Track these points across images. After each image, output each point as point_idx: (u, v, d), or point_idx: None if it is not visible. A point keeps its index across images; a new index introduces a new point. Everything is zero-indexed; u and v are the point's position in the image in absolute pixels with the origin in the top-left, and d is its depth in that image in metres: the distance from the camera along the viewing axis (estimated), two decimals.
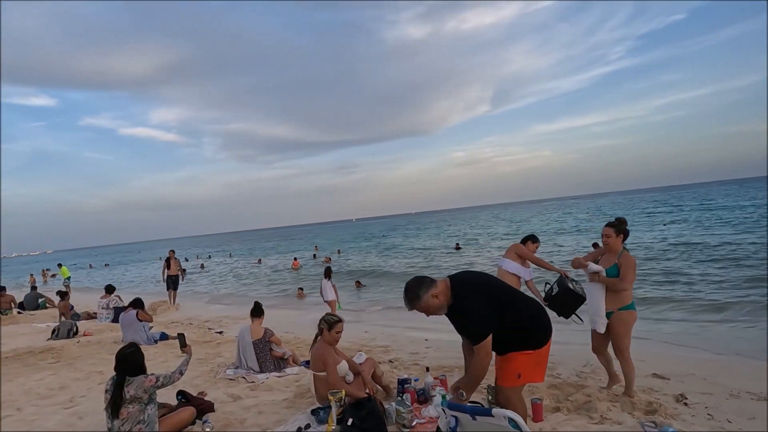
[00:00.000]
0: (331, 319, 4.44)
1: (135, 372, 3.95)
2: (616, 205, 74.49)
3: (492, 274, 3.54)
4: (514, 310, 3.08)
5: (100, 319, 11.67)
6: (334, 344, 4.46)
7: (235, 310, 13.67)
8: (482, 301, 3.01)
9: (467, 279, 3.21)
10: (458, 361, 6.39)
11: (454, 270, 15.92)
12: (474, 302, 3.01)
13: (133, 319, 8.27)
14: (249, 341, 5.92)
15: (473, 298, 3.02)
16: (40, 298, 15.52)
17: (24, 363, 7.15)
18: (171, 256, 15.01)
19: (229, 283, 24.22)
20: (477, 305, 2.99)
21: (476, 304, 3.00)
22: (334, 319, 4.47)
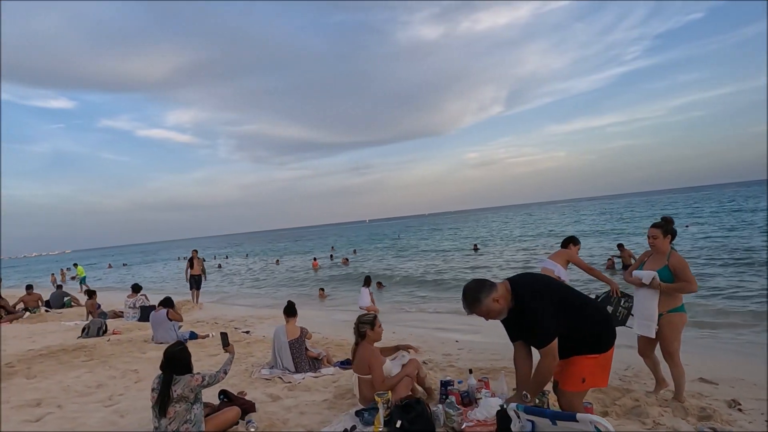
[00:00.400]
0: (369, 318, 4.43)
1: (182, 371, 3.94)
2: (633, 206, 73.50)
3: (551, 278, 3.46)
4: (579, 313, 3.00)
5: (126, 317, 11.78)
6: (379, 340, 4.45)
7: (258, 310, 13.70)
8: (546, 304, 2.94)
9: (529, 281, 3.14)
10: (493, 363, 6.32)
11: (472, 271, 15.92)
12: (539, 305, 2.93)
13: (164, 318, 8.31)
14: (285, 341, 5.89)
15: (538, 301, 2.95)
16: (66, 296, 15.73)
17: (59, 360, 7.21)
18: (194, 256, 15.12)
19: (250, 283, 24.34)
20: (542, 308, 2.92)
21: (541, 306, 2.93)
22: (371, 316, 4.47)
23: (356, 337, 4.39)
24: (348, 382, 5.37)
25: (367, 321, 4.38)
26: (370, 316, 4.46)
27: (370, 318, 4.42)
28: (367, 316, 4.44)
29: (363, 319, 4.41)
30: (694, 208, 49.71)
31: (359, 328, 4.36)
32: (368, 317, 4.43)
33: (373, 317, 4.44)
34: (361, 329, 4.36)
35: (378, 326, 4.43)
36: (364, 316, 4.45)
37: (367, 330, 4.34)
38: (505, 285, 3.08)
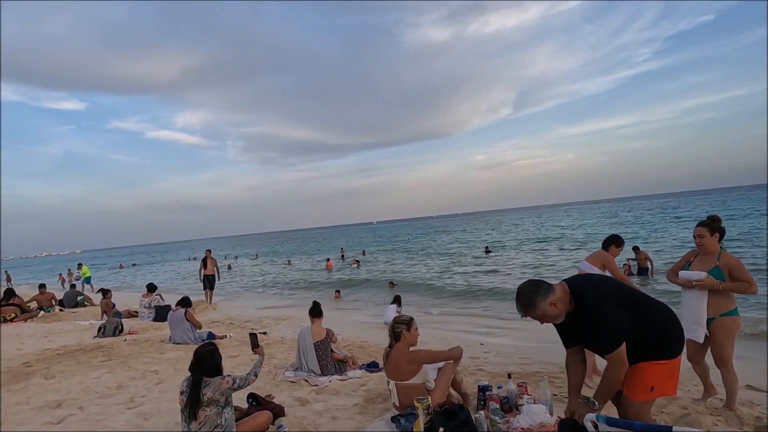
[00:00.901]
0: (406, 318, 4.24)
1: (212, 373, 3.77)
2: (644, 209, 72.75)
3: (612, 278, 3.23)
4: (646, 316, 2.79)
5: (141, 317, 11.67)
6: (415, 344, 4.25)
7: (273, 311, 13.55)
8: (612, 307, 2.73)
9: (591, 283, 2.92)
10: (524, 367, 6.11)
11: (485, 274, 15.57)
12: (604, 308, 2.72)
13: (182, 318, 8.17)
14: (310, 342, 5.71)
15: (602, 304, 2.74)
16: (79, 296, 15.68)
17: (77, 360, 7.07)
18: (208, 256, 15.00)
19: (262, 283, 24.21)
20: (607, 311, 2.71)
21: (606, 310, 2.71)
22: (407, 317, 4.28)
23: (391, 338, 4.20)
24: (378, 386, 5.19)
25: (403, 321, 4.20)
26: (406, 317, 4.27)
27: (406, 319, 4.23)
28: (403, 317, 4.25)
29: (399, 319, 4.23)
30: (706, 212, 49.04)
31: (394, 328, 4.18)
32: (404, 318, 4.24)
33: (410, 318, 4.26)
34: (396, 330, 4.16)
35: (414, 328, 4.24)
36: (400, 317, 4.26)
37: (403, 331, 4.15)
38: (563, 287, 2.88)
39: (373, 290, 18.08)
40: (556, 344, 8.72)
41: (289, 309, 13.97)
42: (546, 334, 9.13)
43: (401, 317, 4.26)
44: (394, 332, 4.17)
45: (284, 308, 14.29)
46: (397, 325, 4.18)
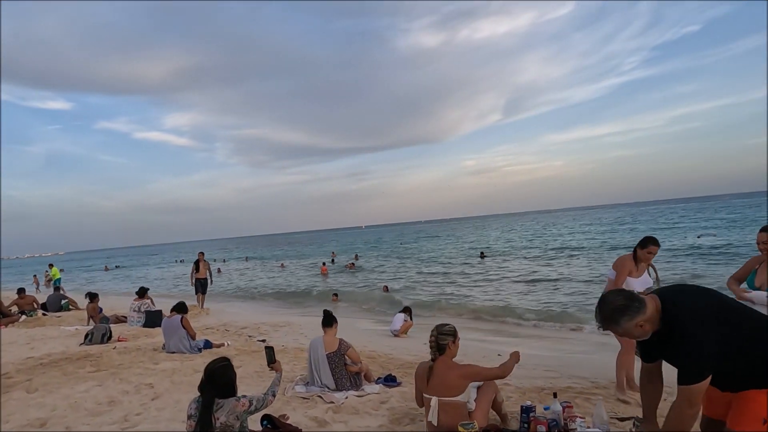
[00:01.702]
0: (451, 328, 3.76)
1: (226, 393, 3.27)
2: (633, 216, 73.13)
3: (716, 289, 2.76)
4: (756, 337, 2.34)
5: (130, 322, 11.04)
6: (455, 355, 3.79)
7: (270, 317, 12.97)
8: (709, 330, 2.28)
9: (688, 298, 2.46)
10: (553, 381, 5.65)
11: (483, 277, 15.17)
12: (699, 332, 2.27)
13: (177, 325, 7.60)
14: (322, 354, 5.20)
15: (698, 326, 2.28)
16: (63, 299, 14.94)
17: (63, 371, 6.48)
18: (200, 259, 14.39)
19: (255, 288, 23.54)
20: (702, 337, 2.26)
21: (701, 334, 2.27)
22: (452, 327, 3.80)
23: (433, 352, 3.69)
24: (401, 404, 4.70)
25: (449, 332, 3.71)
26: (450, 326, 3.78)
27: (451, 329, 3.75)
28: (447, 327, 3.76)
29: (444, 330, 3.72)
30: (694, 219, 49.30)
31: (439, 340, 3.67)
32: (449, 328, 3.75)
33: (454, 328, 3.78)
34: (441, 342, 3.67)
35: (458, 338, 3.78)
36: (444, 327, 3.75)
37: (449, 343, 3.67)
38: (654, 303, 2.43)
39: (371, 295, 17.62)
40: (582, 354, 8.29)
41: (287, 315, 13.43)
42: (568, 343, 8.79)
43: (445, 327, 3.76)
44: (439, 344, 3.67)
45: (282, 314, 13.74)
46: (442, 336, 3.68)
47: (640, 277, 4.82)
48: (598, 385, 5.44)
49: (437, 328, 3.76)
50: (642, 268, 4.83)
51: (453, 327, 3.79)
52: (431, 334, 3.75)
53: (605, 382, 5.52)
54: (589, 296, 13.47)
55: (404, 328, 9.56)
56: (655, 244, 4.81)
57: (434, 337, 3.70)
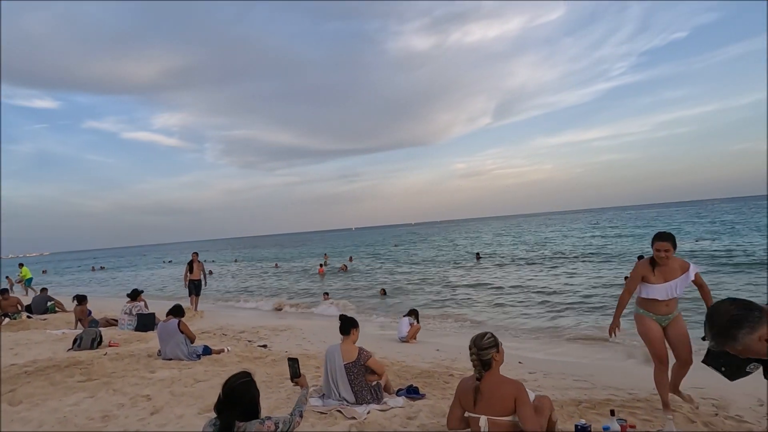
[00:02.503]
0: (491, 340, 3.25)
1: (247, 414, 2.79)
2: (627, 219, 73.39)
3: None
4: None
5: (121, 326, 10.47)
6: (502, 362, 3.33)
7: (268, 320, 12.42)
8: None
9: None
10: (588, 393, 5.23)
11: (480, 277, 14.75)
12: None
13: (174, 330, 7.06)
14: (340, 364, 4.72)
15: None
16: (49, 301, 14.28)
17: (50, 380, 5.93)
18: (194, 259, 13.84)
19: (250, 289, 22.91)
20: None
21: None
22: (491, 337, 3.29)
23: (478, 368, 3.21)
24: (431, 419, 4.25)
25: (490, 344, 3.21)
26: (489, 336, 3.28)
27: (491, 339, 3.25)
28: (487, 339, 3.25)
29: (484, 343, 3.21)
30: (682, 223, 49.47)
31: (481, 355, 3.18)
32: (488, 339, 3.24)
33: (494, 336, 3.30)
34: (484, 357, 3.17)
35: (501, 345, 3.31)
36: (483, 340, 3.24)
37: (494, 355, 3.20)
38: None
39: (368, 298, 17.16)
40: (609, 362, 7.77)
41: (286, 318, 12.90)
42: (590, 349, 8.32)
43: (484, 339, 3.25)
44: (482, 361, 3.18)
45: (281, 317, 13.22)
46: (483, 351, 3.18)
47: (662, 282, 4.14)
48: (638, 397, 5.03)
49: (475, 343, 3.23)
50: (665, 273, 4.12)
51: (492, 336, 3.29)
52: (470, 352, 3.23)
53: (644, 394, 5.11)
54: (593, 299, 13.13)
55: (412, 333, 9.10)
56: (661, 239, 4.12)
57: (475, 355, 3.20)
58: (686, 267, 4.14)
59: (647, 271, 4.20)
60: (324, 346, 8.59)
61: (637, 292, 4.33)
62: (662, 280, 4.13)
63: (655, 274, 4.16)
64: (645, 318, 4.25)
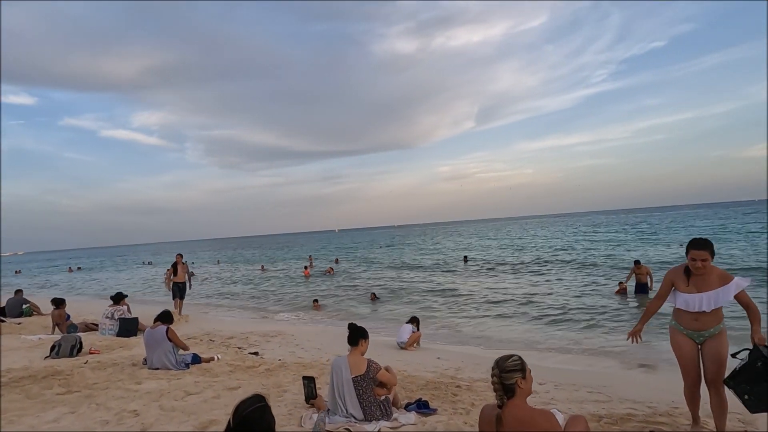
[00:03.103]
0: (516, 362, 2.81)
1: None
2: (605, 224, 74.21)
3: None
4: None
5: (102, 331, 9.94)
6: (531, 392, 2.98)
7: (257, 325, 11.99)
8: None
9: None
10: (607, 407, 4.96)
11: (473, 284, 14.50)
12: None
13: (162, 337, 6.62)
14: (348, 377, 4.37)
15: None
16: (25, 303, 13.60)
17: (26, 393, 5.45)
18: (178, 261, 13.33)
19: (236, 292, 22.35)
20: None
21: None
22: (517, 359, 2.84)
23: (499, 396, 2.83)
24: None
25: (515, 367, 2.80)
26: (515, 358, 2.84)
27: (516, 362, 2.82)
28: (511, 361, 2.81)
29: (508, 365, 2.80)
30: (659, 228, 50.13)
31: (503, 379, 2.77)
32: (514, 362, 2.81)
33: (521, 359, 2.86)
34: (507, 381, 2.77)
35: (530, 372, 2.94)
36: (507, 361, 2.82)
37: (518, 381, 2.78)
38: None
39: (357, 301, 16.83)
40: (619, 370, 7.50)
41: (275, 323, 12.47)
42: (593, 357, 8.05)
43: (509, 361, 2.81)
44: (505, 386, 2.79)
45: (269, 322, 12.78)
46: (506, 374, 2.77)
47: (695, 292, 3.74)
48: (658, 410, 4.79)
49: (498, 364, 2.82)
50: (698, 283, 3.72)
51: (520, 359, 2.85)
52: (492, 374, 2.83)
53: (664, 407, 4.88)
54: (587, 307, 12.98)
55: (412, 340, 8.79)
56: (697, 247, 3.68)
57: (497, 377, 2.80)
58: (727, 279, 3.66)
59: (679, 277, 3.86)
60: (319, 353, 8.26)
61: (671, 300, 4.03)
62: (695, 290, 3.75)
63: (688, 283, 3.79)
64: (675, 331, 3.95)
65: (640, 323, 4.17)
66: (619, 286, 14.77)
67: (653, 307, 4.12)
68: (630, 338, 4.19)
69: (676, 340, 3.94)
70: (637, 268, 14.33)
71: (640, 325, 4.17)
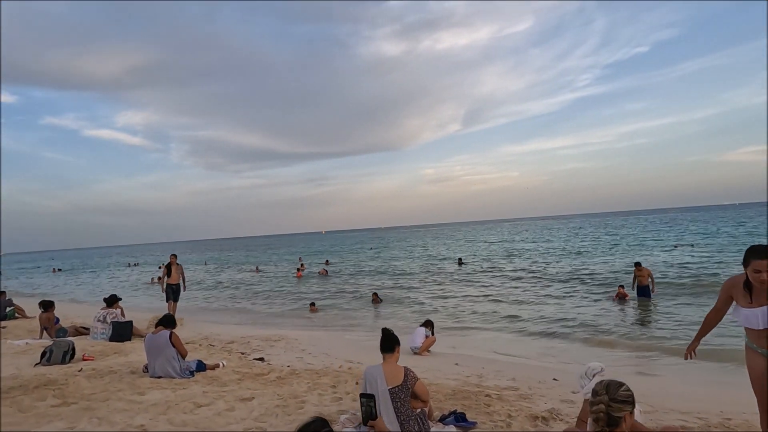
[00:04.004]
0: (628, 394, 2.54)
1: None
2: (592, 227, 74.76)
3: None
4: None
5: (93, 335, 9.37)
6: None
7: (257, 328, 11.48)
8: None
9: None
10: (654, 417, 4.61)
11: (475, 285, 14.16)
12: None
13: (165, 343, 6.13)
14: (384, 388, 3.96)
15: None
16: (9, 306, 12.91)
17: (18, 405, 4.93)
18: (173, 262, 12.80)
19: (228, 294, 21.74)
20: None
21: None
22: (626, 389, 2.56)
23: (601, 423, 2.48)
24: None
25: (628, 399, 2.50)
26: (626, 389, 2.54)
27: (628, 393, 2.52)
28: (624, 390, 2.51)
29: (620, 395, 2.49)
30: (650, 231, 50.51)
31: (612, 409, 2.45)
32: (626, 392, 2.52)
33: (632, 393, 2.55)
34: (615, 413, 2.45)
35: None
36: (619, 390, 2.51)
37: (626, 416, 2.47)
38: None
39: (351, 303, 16.45)
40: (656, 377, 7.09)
41: (275, 327, 11.97)
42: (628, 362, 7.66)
43: (621, 389, 2.51)
44: (611, 416, 2.46)
45: (269, 325, 12.28)
46: (617, 405, 2.46)
47: (756, 307, 3.32)
48: (710, 422, 4.48)
49: (608, 390, 2.51)
50: (760, 296, 3.28)
51: (629, 389, 2.55)
52: (597, 399, 2.50)
53: (716, 419, 4.56)
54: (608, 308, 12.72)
55: (426, 345, 8.40)
56: (760, 256, 3.21)
57: (604, 405, 2.47)
58: None
59: (738, 291, 3.43)
60: (328, 359, 7.83)
61: (734, 315, 3.56)
62: (758, 304, 3.31)
63: (750, 297, 3.34)
64: (749, 350, 3.50)
65: (696, 339, 3.82)
66: (618, 291, 14.39)
67: (710, 322, 3.73)
68: (686, 355, 3.84)
69: (749, 360, 3.50)
70: (637, 270, 14.05)
71: (696, 342, 3.82)
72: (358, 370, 6.83)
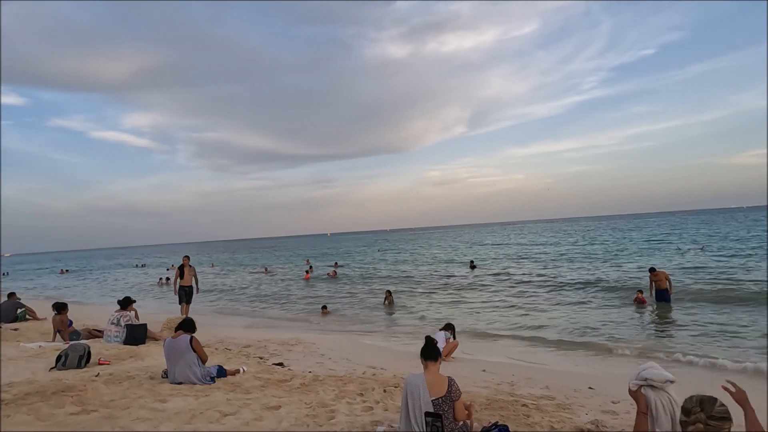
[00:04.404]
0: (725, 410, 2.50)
1: None
2: (599, 229, 74.19)
3: None
4: None
5: (107, 338, 9.20)
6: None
7: (273, 331, 11.27)
8: None
9: None
10: None
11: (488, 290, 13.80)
12: None
13: (186, 348, 5.92)
14: (427, 399, 3.73)
15: None
16: (20, 308, 12.77)
17: (35, 413, 4.72)
18: (185, 263, 12.64)
19: (239, 296, 21.56)
20: None
21: None
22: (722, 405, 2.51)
23: None
24: None
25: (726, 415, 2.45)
26: (722, 405, 2.48)
27: (725, 409, 2.46)
28: (720, 407, 2.46)
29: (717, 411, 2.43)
30: (659, 234, 50.02)
31: (710, 427, 2.39)
32: (722, 408, 2.46)
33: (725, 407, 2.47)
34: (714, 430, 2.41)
35: None
36: (716, 406, 2.45)
37: None
38: None
39: (363, 305, 16.18)
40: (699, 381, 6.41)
41: (291, 330, 11.74)
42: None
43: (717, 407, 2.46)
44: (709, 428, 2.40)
45: (284, 329, 12.05)
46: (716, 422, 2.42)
47: None
48: None
49: (702, 407, 2.44)
50: None
51: (725, 406, 2.48)
52: (693, 419, 2.42)
53: None
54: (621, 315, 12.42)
55: (448, 350, 8.14)
56: None
57: (702, 424, 2.39)
58: None
59: None
60: (350, 365, 7.60)
61: None
62: None
63: None
64: None
65: None
66: (637, 295, 14.05)
67: None
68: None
69: None
70: (653, 275, 13.74)
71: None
72: (383, 377, 6.61)
